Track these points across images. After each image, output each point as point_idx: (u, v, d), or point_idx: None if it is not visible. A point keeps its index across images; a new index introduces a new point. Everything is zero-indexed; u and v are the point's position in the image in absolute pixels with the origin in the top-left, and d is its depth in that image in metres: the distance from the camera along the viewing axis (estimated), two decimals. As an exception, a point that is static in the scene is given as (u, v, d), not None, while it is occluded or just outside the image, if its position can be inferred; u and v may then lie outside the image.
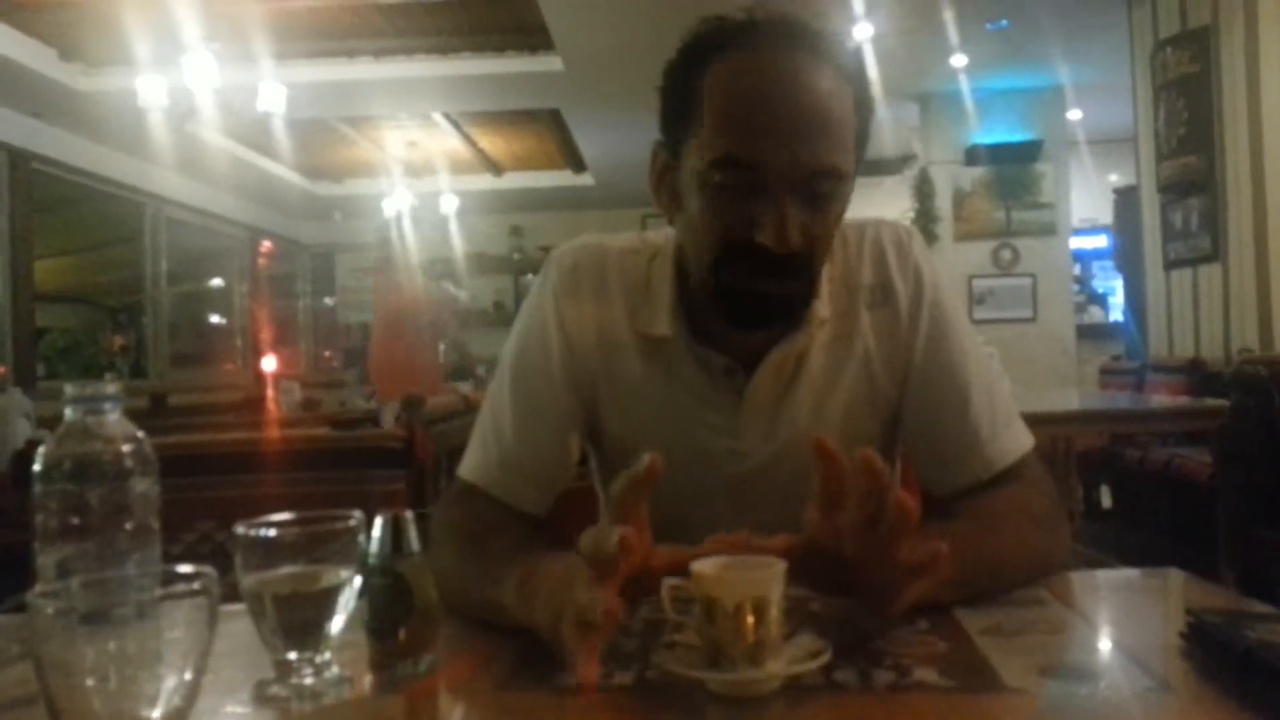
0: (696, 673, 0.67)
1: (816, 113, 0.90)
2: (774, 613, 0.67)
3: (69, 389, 0.72)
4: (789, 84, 0.90)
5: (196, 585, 0.57)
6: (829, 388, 1.04)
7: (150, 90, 4.77)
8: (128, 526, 0.71)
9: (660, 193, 1.02)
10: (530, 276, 9.87)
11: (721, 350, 1.02)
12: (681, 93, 0.95)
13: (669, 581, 0.73)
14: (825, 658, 0.68)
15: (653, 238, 1.10)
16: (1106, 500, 4.45)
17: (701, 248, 0.96)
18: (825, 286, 1.02)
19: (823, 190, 0.91)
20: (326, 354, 9.96)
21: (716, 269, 0.95)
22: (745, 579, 0.68)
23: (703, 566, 0.70)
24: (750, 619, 0.66)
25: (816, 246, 0.94)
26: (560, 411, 1.06)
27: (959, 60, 5.95)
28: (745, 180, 0.90)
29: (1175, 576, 0.98)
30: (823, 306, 1.02)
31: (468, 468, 1.07)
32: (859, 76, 0.95)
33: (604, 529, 0.71)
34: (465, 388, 5.33)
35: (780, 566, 0.69)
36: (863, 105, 0.95)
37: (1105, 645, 0.81)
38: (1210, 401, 3.18)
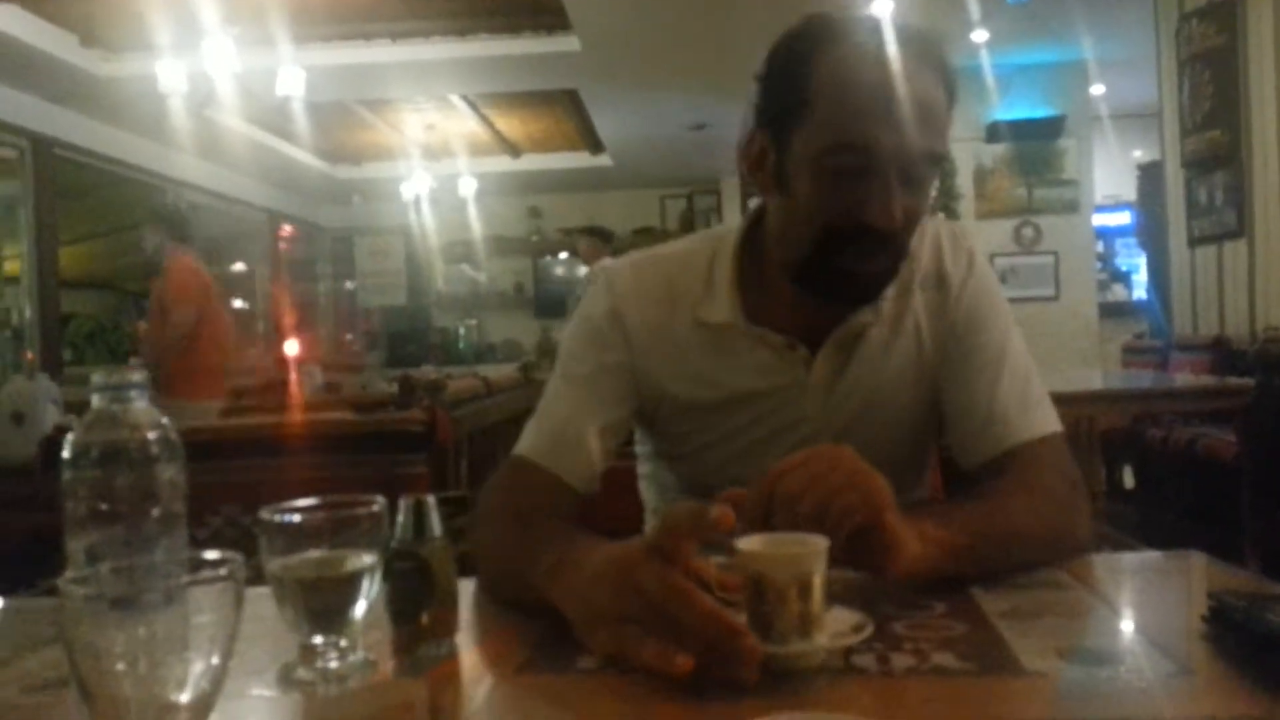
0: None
1: (921, 101, 0.97)
2: (819, 588, 0.69)
3: (95, 377, 0.73)
4: (896, 74, 0.97)
5: (223, 571, 0.58)
6: (882, 361, 1.11)
7: (170, 76, 4.79)
8: (155, 513, 0.72)
9: (758, 175, 1.08)
10: (549, 258, 9.88)
11: (781, 330, 1.09)
12: (788, 82, 1.01)
13: (715, 560, 0.75)
14: (869, 630, 0.71)
15: (710, 236, 1.18)
16: (1129, 480, 4.43)
17: (808, 229, 1.02)
18: None
19: (922, 173, 1.00)
20: (348, 337, 10.01)
21: (825, 249, 1.01)
22: (793, 556, 0.71)
23: (749, 545, 0.72)
24: (798, 594, 0.69)
25: (913, 225, 1.02)
26: (609, 395, 1.12)
27: (980, 35, 5.86)
28: (857, 163, 0.97)
29: (1197, 559, 0.98)
30: (888, 287, 1.09)
31: (521, 445, 1.12)
32: (948, 69, 1.03)
33: (696, 506, 0.71)
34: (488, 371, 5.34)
35: (824, 543, 0.71)
36: (951, 96, 1.03)
37: (1126, 628, 0.81)
38: (1235, 380, 3.15)
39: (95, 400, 0.73)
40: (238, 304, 8.35)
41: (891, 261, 1.03)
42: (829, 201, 0.99)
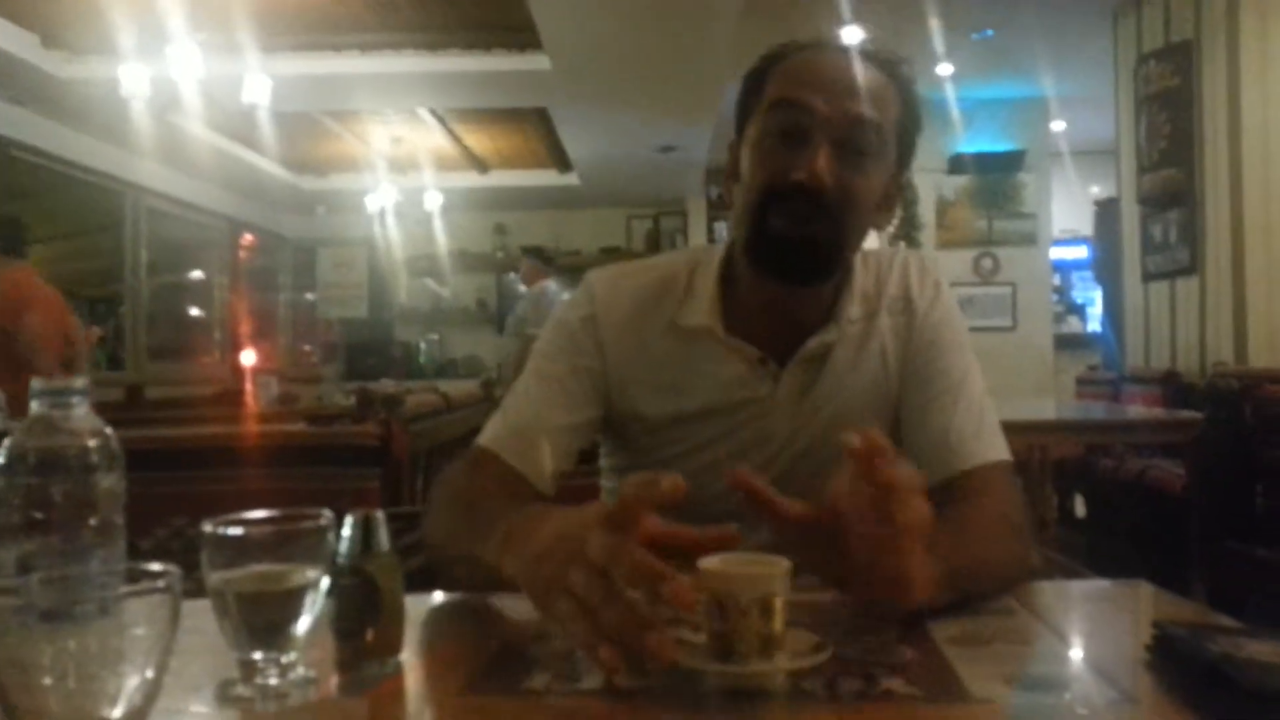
0: (709, 666, 0.69)
1: (859, 77, 1.04)
2: (780, 609, 0.70)
3: (35, 383, 0.71)
4: (840, 59, 1.07)
5: (160, 583, 0.56)
6: (849, 381, 1.13)
7: (133, 80, 4.72)
8: (92, 522, 0.70)
9: (726, 182, 1.15)
10: (512, 275, 9.85)
11: (755, 344, 1.11)
12: (751, 89, 1.10)
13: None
14: (829, 652, 0.71)
15: (695, 250, 1.21)
16: (1081, 509, 4.49)
17: (750, 197, 1.06)
18: (857, 291, 1.14)
19: (861, 145, 1.03)
20: (306, 349, 9.89)
21: (761, 212, 1.04)
22: (756, 576, 0.70)
23: (711, 564, 0.72)
24: (760, 614, 0.69)
25: (850, 196, 1.04)
26: (579, 397, 1.13)
27: (945, 69, 5.99)
28: (792, 123, 1.03)
29: (1145, 588, 0.99)
30: (854, 308, 1.13)
31: (483, 435, 1.12)
32: (909, 90, 1.10)
33: (649, 475, 0.71)
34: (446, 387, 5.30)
35: (786, 565, 0.71)
36: (908, 111, 1.10)
37: (1072, 656, 0.82)
38: (1184, 413, 3.21)
39: (34, 405, 0.71)
40: (195, 312, 8.21)
41: (827, 231, 1.04)
42: (763, 163, 1.05)
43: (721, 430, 1.13)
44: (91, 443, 0.71)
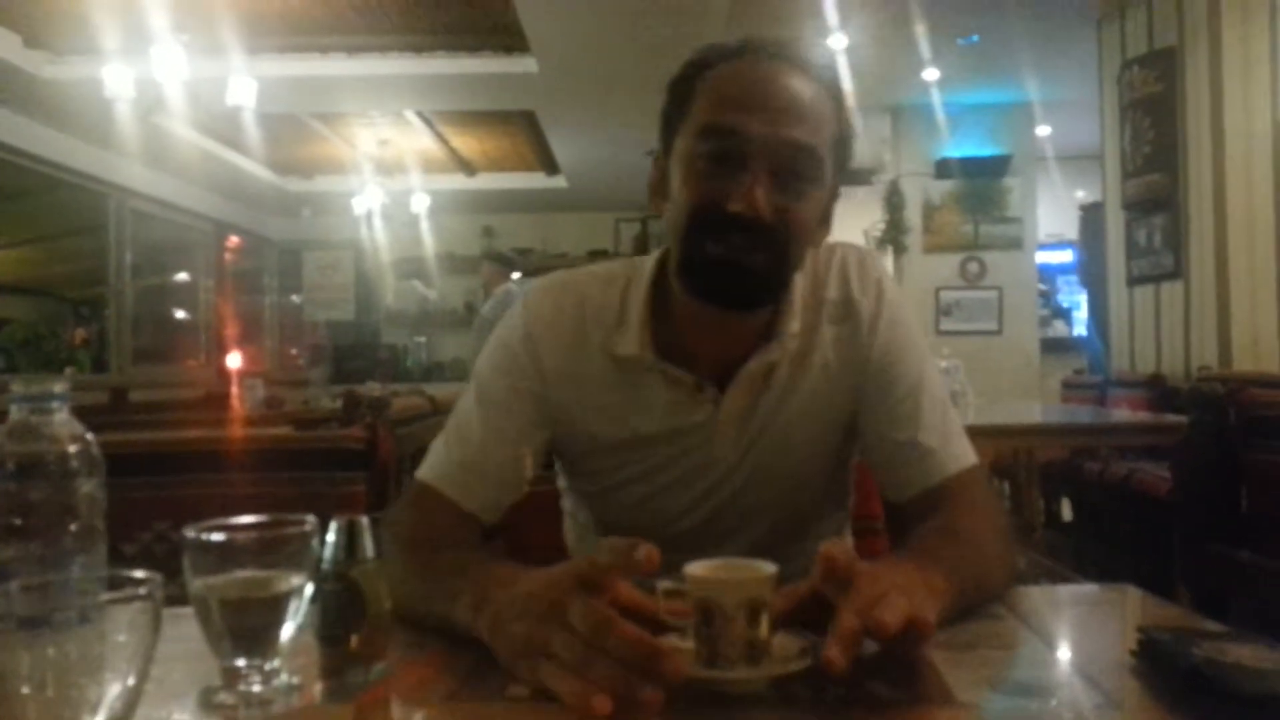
0: (696, 671, 0.69)
1: (794, 98, 0.98)
2: (767, 614, 0.70)
3: (15, 386, 0.70)
4: (772, 75, 0.99)
5: (141, 590, 0.56)
6: (789, 399, 1.08)
7: (117, 81, 4.68)
8: (72, 528, 0.69)
9: (655, 198, 1.08)
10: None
11: (691, 368, 1.06)
12: (679, 100, 1.03)
13: (663, 585, 0.75)
14: (816, 657, 0.70)
15: (630, 264, 1.14)
16: (1067, 513, 4.51)
17: (681, 220, 1.00)
18: (796, 303, 1.07)
19: (799, 170, 0.97)
20: (292, 352, 9.84)
21: (694, 238, 0.99)
22: (743, 582, 0.70)
23: (698, 570, 0.72)
24: (746, 619, 0.69)
25: (789, 225, 0.98)
26: (524, 423, 1.08)
27: (931, 74, 6.01)
28: (725, 149, 0.96)
29: (1131, 592, 1.00)
30: (794, 321, 1.07)
31: (427, 469, 1.08)
32: (839, 97, 1.03)
33: (625, 542, 0.70)
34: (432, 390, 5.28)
35: (772, 570, 0.71)
36: (841, 121, 1.03)
37: (1057, 661, 0.82)
38: (1169, 417, 3.23)
39: (14, 411, 0.70)
40: (180, 315, 8.16)
41: (767, 261, 0.98)
42: (696, 188, 0.98)
43: (664, 457, 1.09)
44: (72, 448, 0.70)
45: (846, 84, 1.12)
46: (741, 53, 1.02)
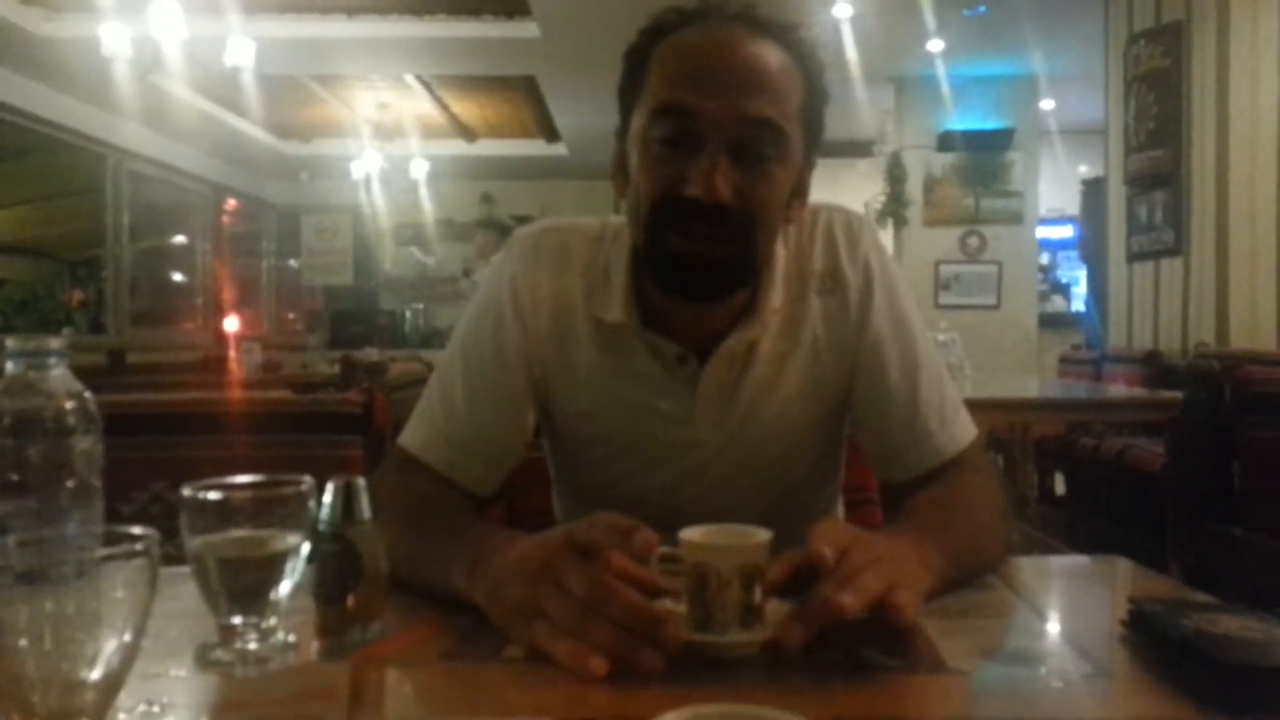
0: (690, 635, 0.69)
1: (753, 69, 0.91)
2: (761, 580, 0.70)
3: (10, 342, 0.70)
4: (728, 44, 0.93)
5: (137, 546, 0.56)
6: (777, 375, 1.05)
7: (114, 39, 4.64)
8: (69, 485, 0.69)
9: (617, 179, 1.02)
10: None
11: (676, 338, 1.02)
12: (634, 72, 0.97)
13: (659, 550, 0.75)
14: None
15: (614, 221, 1.08)
16: (1061, 487, 4.53)
17: (641, 209, 0.95)
18: (779, 275, 1.03)
19: (760, 148, 0.92)
20: (290, 316, 9.83)
21: (654, 228, 0.94)
22: (738, 547, 0.71)
23: (693, 535, 0.72)
24: (741, 585, 0.69)
25: (755, 208, 0.92)
26: (513, 392, 1.05)
27: (935, 45, 5.95)
28: (682, 129, 0.91)
29: (1122, 564, 1.00)
30: (776, 296, 1.02)
31: (413, 440, 1.05)
32: (809, 60, 0.96)
33: (625, 523, 0.71)
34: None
35: (767, 536, 0.71)
36: (811, 87, 0.96)
37: (1047, 630, 0.83)
38: (1165, 394, 3.23)
39: (10, 366, 0.70)
40: (178, 277, 8.14)
41: (733, 250, 0.93)
42: (652, 175, 0.93)
43: (644, 431, 1.05)
44: (68, 404, 0.70)
45: (849, 53, 1.07)
46: (698, 17, 0.96)
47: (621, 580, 0.70)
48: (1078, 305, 8.15)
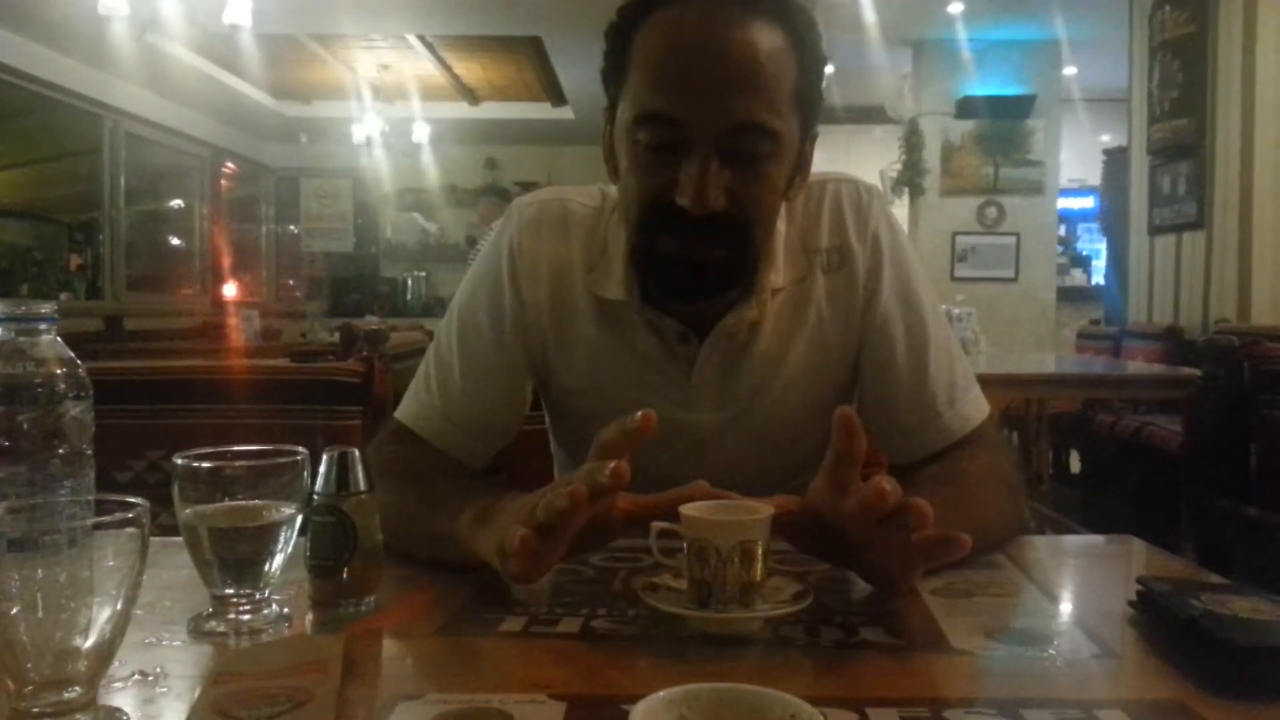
0: (689, 612, 0.69)
1: (742, 67, 0.86)
2: (762, 556, 0.69)
3: (0, 306, 0.69)
4: (713, 37, 0.87)
5: (128, 515, 0.55)
6: (780, 356, 1.02)
7: (111, -3, 4.57)
8: (61, 451, 0.68)
9: (609, 162, 0.99)
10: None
11: (676, 316, 0.99)
12: (615, 51, 0.93)
13: (657, 525, 0.74)
14: (809, 600, 0.70)
15: (614, 191, 1.04)
16: (1076, 465, 4.48)
17: (630, 211, 0.92)
18: (780, 252, 1.00)
19: (752, 150, 0.88)
20: (289, 283, 9.77)
21: (644, 232, 0.91)
22: (738, 524, 0.70)
23: (693, 511, 0.71)
24: (741, 561, 0.68)
25: (750, 211, 0.89)
26: (509, 365, 1.04)
27: (955, 8, 5.81)
28: (667, 137, 0.87)
29: (1135, 544, 0.99)
30: (777, 275, 0.99)
31: (409, 413, 1.04)
32: (803, 31, 0.91)
33: (597, 465, 0.70)
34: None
35: (769, 512, 0.71)
36: (806, 61, 0.91)
37: (1055, 610, 0.82)
38: (1184, 370, 3.18)
39: (0, 332, 0.69)
40: (175, 242, 8.08)
41: (727, 252, 0.90)
42: (641, 180, 0.90)
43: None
44: (58, 370, 0.69)
45: (867, 16, 1.02)
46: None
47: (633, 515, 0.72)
48: (1098, 279, 8.03)
